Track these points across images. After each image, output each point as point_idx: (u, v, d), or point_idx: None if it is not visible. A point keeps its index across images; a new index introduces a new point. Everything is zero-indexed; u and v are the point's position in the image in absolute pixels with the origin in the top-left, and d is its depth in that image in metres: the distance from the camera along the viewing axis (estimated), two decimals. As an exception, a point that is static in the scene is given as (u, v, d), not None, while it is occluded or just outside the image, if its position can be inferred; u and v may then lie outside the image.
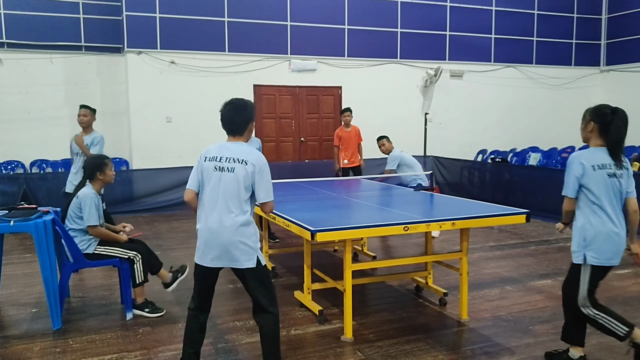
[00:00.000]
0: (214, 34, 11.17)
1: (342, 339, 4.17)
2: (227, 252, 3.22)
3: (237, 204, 3.20)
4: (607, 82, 14.82)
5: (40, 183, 9.51)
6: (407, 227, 4.02)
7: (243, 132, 3.35)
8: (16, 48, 10.67)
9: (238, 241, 3.20)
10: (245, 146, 3.30)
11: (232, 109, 3.34)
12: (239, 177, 3.19)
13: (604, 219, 3.35)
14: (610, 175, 3.32)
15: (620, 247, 3.40)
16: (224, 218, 3.19)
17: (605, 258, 3.38)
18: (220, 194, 3.21)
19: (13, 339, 4.23)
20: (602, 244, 3.35)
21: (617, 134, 3.31)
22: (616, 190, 3.35)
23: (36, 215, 4.40)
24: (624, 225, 3.40)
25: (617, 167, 3.33)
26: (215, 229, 3.21)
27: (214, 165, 3.25)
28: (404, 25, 12.74)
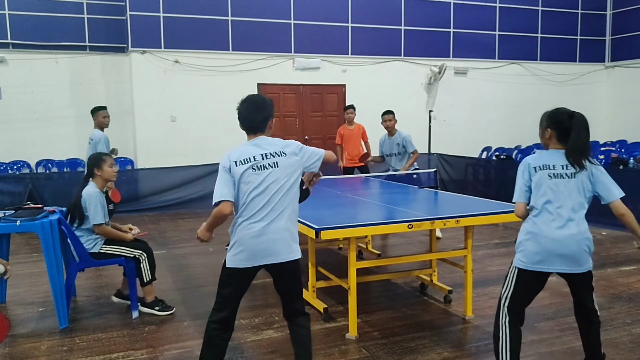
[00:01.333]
0: (217, 33, 11.19)
1: (347, 336, 4.19)
2: (275, 248, 3.04)
3: (286, 202, 3.06)
4: (613, 78, 14.76)
5: (46, 183, 9.57)
6: (412, 225, 4.03)
7: (264, 129, 3.19)
8: (21, 48, 10.72)
9: (288, 234, 3.07)
10: (274, 139, 3.18)
11: (251, 107, 3.17)
12: (287, 169, 3.07)
13: (539, 221, 3.12)
14: (554, 176, 3.09)
15: (554, 251, 3.07)
16: (275, 220, 3.02)
17: (531, 261, 3.13)
18: (267, 194, 3.01)
19: (20, 338, 4.27)
20: (531, 245, 3.13)
21: (578, 141, 3.08)
22: (564, 190, 3.08)
23: (42, 214, 4.43)
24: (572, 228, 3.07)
25: (567, 168, 3.09)
26: (265, 232, 3.01)
27: (250, 166, 3.02)
28: (407, 23, 12.72)
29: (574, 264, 3.09)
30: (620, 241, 7.28)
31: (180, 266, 6.38)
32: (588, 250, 3.11)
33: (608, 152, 11.24)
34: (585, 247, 3.09)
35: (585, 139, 3.11)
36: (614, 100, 14.57)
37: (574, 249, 3.07)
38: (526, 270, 3.15)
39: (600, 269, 5.95)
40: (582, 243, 3.07)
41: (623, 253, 6.70)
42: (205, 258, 6.70)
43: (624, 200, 3.15)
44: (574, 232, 3.07)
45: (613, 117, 14.54)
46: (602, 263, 6.22)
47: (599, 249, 6.88)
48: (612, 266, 6.09)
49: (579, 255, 3.08)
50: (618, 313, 4.62)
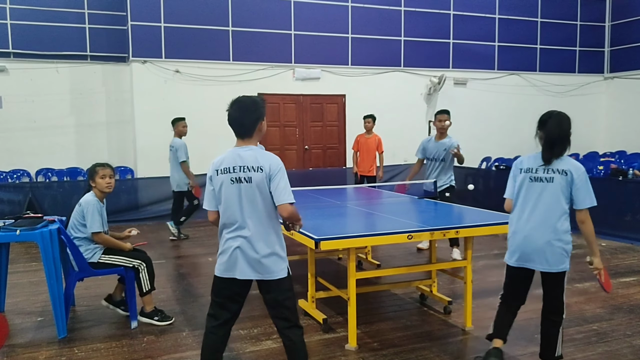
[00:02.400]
0: (218, 43, 11.24)
1: (346, 347, 4.17)
2: (260, 265, 3.02)
3: (262, 215, 3.00)
4: (612, 89, 14.81)
5: (46, 192, 9.57)
6: (411, 236, 4.03)
7: (252, 133, 3.08)
8: (22, 57, 10.76)
9: (268, 253, 3.02)
10: (257, 151, 3.05)
11: (239, 109, 3.07)
12: (259, 186, 2.97)
13: (514, 219, 3.52)
14: (533, 179, 3.41)
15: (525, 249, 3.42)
16: (248, 233, 3.00)
17: (508, 257, 3.56)
18: (242, 207, 2.99)
19: (19, 348, 4.25)
20: (510, 244, 3.54)
21: (547, 135, 3.36)
22: (539, 193, 3.38)
23: (42, 224, 4.43)
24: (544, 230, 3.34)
25: (545, 171, 3.36)
26: (244, 244, 3.01)
27: (229, 177, 3.01)
28: (407, 34, 12.79)
29: (543, 263, 3.37)
30: (620, 252, 7.27)
31: (180, 276, 6.36)
32: (562, 252, 3.34)
33: (607, 163, 11.25)
34: (558, 248, 3.33)
35: (555, 133, 3.33)
36: (613, 111, 14.62)
37: (543, 248, 3.34)
38: (508, 266, 3.57)
39: (600, 280, 5.93)
40: (555, 244, 3.32)
41: (623, 264, 6.69)
42: (204, 268, 6.69)
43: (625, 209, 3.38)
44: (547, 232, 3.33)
45: (612, 128, 14.59)
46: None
47: (598, 260, 6.86)
48: (612, 277, 6.07)
49: (549, 254, 3.34)
50: (618, 325, 4.61)
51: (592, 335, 4.37)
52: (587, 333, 4.41)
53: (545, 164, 3.36)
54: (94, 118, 11.29)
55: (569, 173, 3.29)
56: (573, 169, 3.31)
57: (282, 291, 3.08)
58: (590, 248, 3.39)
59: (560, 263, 3.34)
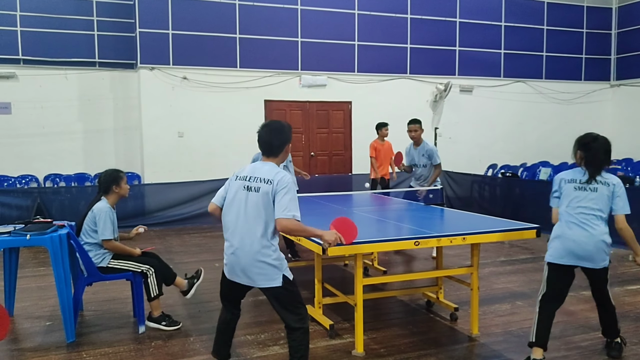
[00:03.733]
0: (225, 50, 11.31)
1: (353, 353, 4.18)
2: (247, 273, 3.29)
3: (260, 225, 3.24)
4: (618, 96, 14.79)
5: (54, 197, 9.63)
6: (418, 242, 4.04)
7: (278, 154, 3.43)
8: (32, 64, 10.86)
9: (258, 261, 3.25)
10: (273, 166, 3.35)
11: (269, 131, 3.42)
12: (265, 197, 3.23)
13: (562, 223, 3.85)
14: (578, 188, 3.82)
15: (574, 249, 3.74)
16: (246, 239, 3.26)
17: (557, 256, 3.83)
18: (245, 213, 3.27)
19: (28, 352, 4.29)
20: (557, 243, 3.84)
21: (593, 158, 3.81)
22: (586, 200, 3.77)
23: (52, 229, 4.47)
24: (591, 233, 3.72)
25: (589, 182, 3.79)
26: (239, 248, 3.29)
27: (243, 184, 3.33)
28: (413, 41, 12.83)
29: (589, 262, 3.75)
30: (626, 260, 7.25)
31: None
32: (604, 251, 3.74)
33: (614, 171, 11.23)
34: (601, 247, 3.73)
35: (601, 158, 3.82)
36: (619, 119, 14.59)
37: (590, 249, 3.72)
38: (552, 264, 3.86)
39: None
40: (598, 244, 3.72)
41: (629, 272, 6.67)
42: (211, 273, 6.69)
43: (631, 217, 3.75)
44: (594, 234, 3.71)
45: (618, 136, 14.49)
46: (608, 282, 6.18)
47: (605, 267, 6.85)
48: (619, 285, 6.07)
49: (595, 254, 3.73)
50: (625, 332, 4.59)
51: (598, 343, 4.36)
52: (593, 341, 4.40)
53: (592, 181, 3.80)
54: (102, 124, 11.38)
55: (611, 185, 3.78)
56: (614, 180, 3.81)
57: (278, 299, 3.33)
58: (633, 248, 3.83)
59: (604, 259, 3.78)
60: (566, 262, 3.79)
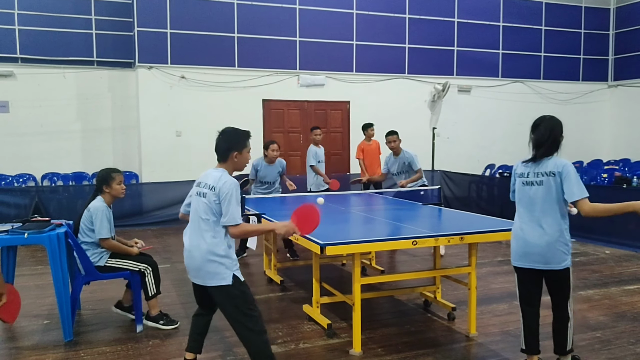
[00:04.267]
0: (224, 50, 11.31)
1: (350, 352, 4.19)
2: (199, 272, 3.37)
3: (207, 227, 3.33)
4: (616, 97, 14.83)
5: (52, 196, 9.63)
6: (416, 242, 4.05)
7: (226, 159, 3.46)
8: (30, 63, 10.85)
9: (208, 260, 3.31)
10: (219, 172, 3.40)
11: (221, 137, 3.50)
12: (209, 201, 3.33)
13: (515, 221, 3.63)
14: (525, 183, 3.52)
15: (526, 250, 3.47)
16: (195, 240, 3.37)
17: (514, 258, 3.60)
18: (196, 217, 3.40)
19: (25, 350, 4.29)
20: (513, 244, 3.63)
21: (535, 138, 3.57)
22: (534, 196, 3.47)
23: (49, 227, 4.47)
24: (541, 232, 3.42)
25: (537, 175, 3.45)
26: (189, 250, 3.41)
27: (196, 191, 3.48)
28: (412, 41, 12.85)
29: (544, 263, 3.44)
30: (623, 260, 7.27)
31: (185, 280, 6.37)
32: (561, 250, 3.40)
33: (611, 171, 11.25)
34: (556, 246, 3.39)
35: (542, 136, 3.52)
36: (617, 119, 14.63)
37: (543, 249, 3.41)
38: (514, 266, 3.63)
39: (604, 288, 5.95)
40: (553, 243, 3.39)
41: (627, 272, 6.69)
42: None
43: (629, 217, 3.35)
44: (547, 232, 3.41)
45: (616, 136, 14.60)
46: (605, 282, 6.21)
47: (602, 267, 6.88)
48: (616, 285, 6.08)
49: (550, 254, 3.40)
50: (622, 332, 4.61)
51: (595, 342, 4.38)
52: (590, 340, 4.41)
53: (532, 165, 3.49)
54: (100, 123, 11.37)
55: (556, 173, 3.39)
56: (560, 167, 3.39)
57: (228, 299, 3.34)
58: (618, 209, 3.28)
59: (562, 260, 3.42)
60: (522, 264, 3.54)
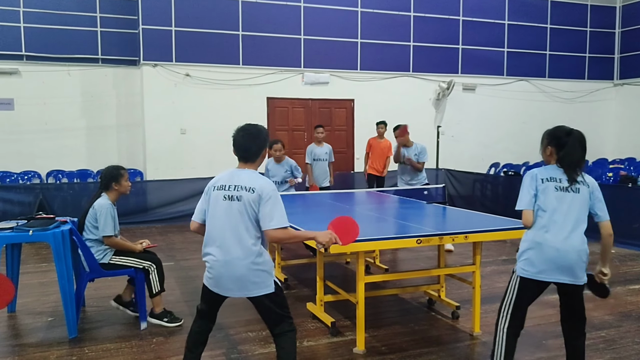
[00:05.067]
0: (228, 47, 11.31)
1: (354, 351, 4.18)
2: (242, 283, 3.12)
3: (247, 234, 3.09)
4: (621, 95, 14.76)
5: (56, 193, 9.65)
6: (420, 240, 4.04)
7: (255, 160, 3.26)
8: (35, 60, 10.87)
9: (253, 270, 3.10)
10: (253, 173, 3.19)
11: (246, 136, 3.23)
12: (248, 205, 3.07)
13: (539, 229, 3.24)
14: (560, 189, 3.23)
15: (556, 260, 3.18)
16: (235, 249, 3.09)
17: (534, 270, 3.23)
18: (229, 224, 3.10)
19: (30, 347, 4.30)
20: (534, 254, 3.24)
21: (571, 156, 3.25)
22: (568, 203, 3.21)
23: (54, 225, 4.49)
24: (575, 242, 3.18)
25: (570, 183, 3.22)
26: (226, 260, 3.11)
27: (222, 194, 3.15)
28: (416, 39, 12.82)
29: (572, 275, 3.21)
30: (628, 259, 7.24)
31: (189, 278, 6.40)
32: (584, 263, 3.23)
33: (616, 170, 11.21)
34: (583, 258, 3.21)
35: (579, 155, 3.25)
36: (622, 118, 14.57)
37: (574, 260, 3.18)
38: (529, 279, 3.26)
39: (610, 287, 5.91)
40: (581, 254, 3.19)
41: (632, 271, 6.66)
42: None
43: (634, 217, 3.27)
44: (576, 244, 3.19)
45: (622, 135, 14.53)
46: (610, 281, 6.13)
47: (607, 267, 6.84)
48: (621, 284, 6.06)
49: (577, 266, 3.19)
50: (627, 332, 4.59)
51: (600, 342, 4.36)
52: (595, 340, 4.40)
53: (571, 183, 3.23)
54: (105, 121, 11.39)
55: (590, 185, 3.27)
56: (592, 181, 3.30)
57: (271, 305, 3.18)
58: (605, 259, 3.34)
59: (584, 274, 3.27)
60: (546, 277, 3.21)
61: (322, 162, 8.67)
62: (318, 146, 8.76)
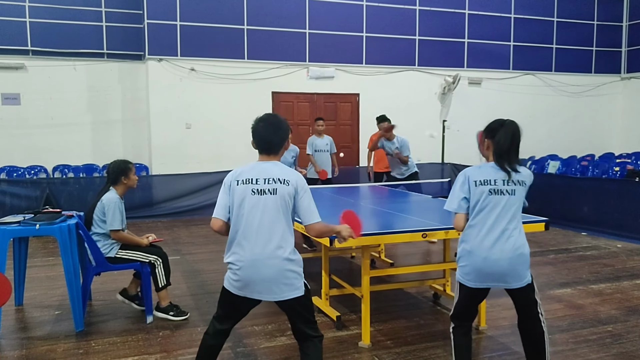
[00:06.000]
0: (233, 42, 11.30)
1: (359, 345, 4.19)
2: (274, 285, 2.91)
3: (281, 230, 2.92)
4: (628, 89, 14.66)
5: (62, 188, 9.70)
6: (426, 234, 4.04)
7: (279, 151, 3.09)
8: (40, 55, 10.89)
9: (285, 270, 2.92)
10: (282, 166, 3.04)
11: (269, 127, 3.06)
12: (284, 198, 2.92)
13: (472, 235, 3.14)
14: (494, 192, 3.09)
15: (490, 268, 3.09)
16: (269, 247, 2.90)
17: (470, 278, 3.18)
18: (261, 219, 2.91)
19: (37, 340, 4.33)
20: (468, 261, 3.17)
21: (500, 145, 3.14)
22: (501, 207, 3.08)
23: (61, 219, 4.51)
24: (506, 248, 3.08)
25: (506, 183, 3.09)
26: (258, 260, 2.90)
27: (250, 188, 2.93)
28: (422, 33, 12.76)
29: (505, 282, 3.14)
30: (635, 254, 7.21)
31: (194, 272, 6.42)
32: (521, 265, 3.13)
33: (623, 164, 11.15)
34: (518, 263, 3.11)
35: (507, 144, 3.13)
36: (629, 112, 14.47)
37: (504, 268, 3.09)
38: (466, 286, 3.23)
39: (616, 282, 5.91)
40: (513, 260, 3.09)
41: (639, 266, 6.64)
42: (218, 264, 6.73)
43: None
44: (507, 250, 3.08)
45: (628, 129, 14.44)
46: (617, 276, 6.17)
47: (614, 261, 6.83)
48: (628, 279, 6.04)
49: (510, 273, 3.11)
50: (634, 326, 4.58)
51: (606, 336, 4.35)
52: (601, 334, 4.39)
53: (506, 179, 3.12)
54: (110, 115, 11.41)
55: (525, 184, 3.16)
56: (528, 177, 3.19)
57: (302, 308, 3.00)
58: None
59: (524, 276, 3.17)
60: (480, 284, 3.17)
61: (324, 153, 8.82)
62: (319, 138, 8.86)
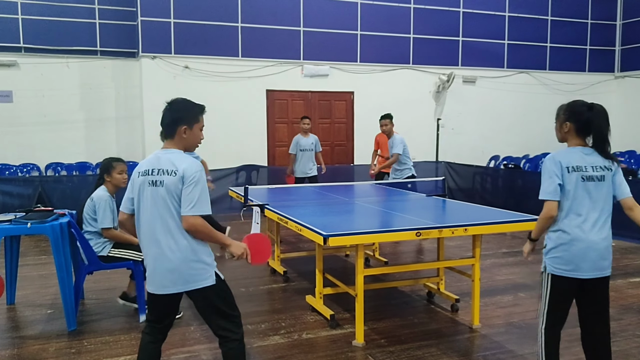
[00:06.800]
0: (227, 39, 11.25)
1: (353, 343, 4.18)
2: (176, 277, 2.81)
3: (175, 222, 2.79)
4: (622, 88, 14.71)
5: (55, 186, 9.63)
6: (420, 233, 4.03)
7: (173, 134, 2.93)
8: (33, 52, 10.81)
9: (189, 260, 2.81)
10: (176, 154, 2.89)
11: (168, 107, 2.95)
12: (170, 190, 2.78)
13: (570, 224, 3.03)
14: (586, 179, 2.99)
15: (593, 256, 3.01)
16: (165, 240, 2.80)
17: (571, 268, 3.03)
18: (158, 212, 2.80)
19: (29, 339, 4.30)
20: (568, 250, 3.03)
21: (601, 129, 3.00)
22: (594, 194, 3.00)
23: (52, 217, 4.47)
24: (603, 234, 3.03)
25: (595, 169, 3.00)
26: (159, 254, 2.82)
27: (147, 180, 2.85)
28: (416, 31, 12.75)
29: (605, 267, 3.08)
30: (630, 252, 7.23)
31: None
32: (610, 254, 3.10)
33: (617, 163, 11.16)
34: (610, 250, 3.08)
35: (607, 128, 3.02)
36: (623, 111, 14.50)
37: (604, 253, 3.04)
38: (561, 277, 3.06)
39: (610, 280, 5.90)
40: (609, 247, 3.07)
41: (633, 264, 6.65)
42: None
43: None
44: (603, 236, 3.04)
45: (623, 128, 14.46)
46: (612, 274, 6.15)
47: (607, 259, 6.84)
48: (622, 277, 6.05)
49: (609, 258, 3.07)
50: (628, 324, 4.59)
51: (618, 331, 4.34)
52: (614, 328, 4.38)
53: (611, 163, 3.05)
54: (104, 113, 11.35)
55: (613, 168, 3.06)
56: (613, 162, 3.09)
57: (210, 300, 2.89)
58: None
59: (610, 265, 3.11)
60: (579, 274, 3.02)
61: (309, 152, 8.96)
62: (304, 137, 8.99)
